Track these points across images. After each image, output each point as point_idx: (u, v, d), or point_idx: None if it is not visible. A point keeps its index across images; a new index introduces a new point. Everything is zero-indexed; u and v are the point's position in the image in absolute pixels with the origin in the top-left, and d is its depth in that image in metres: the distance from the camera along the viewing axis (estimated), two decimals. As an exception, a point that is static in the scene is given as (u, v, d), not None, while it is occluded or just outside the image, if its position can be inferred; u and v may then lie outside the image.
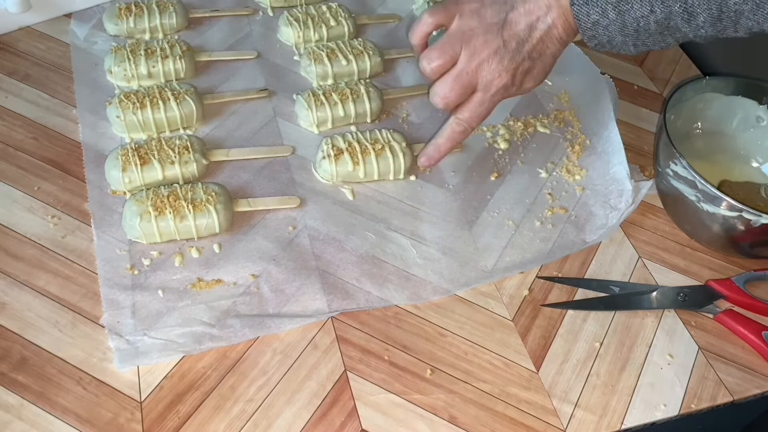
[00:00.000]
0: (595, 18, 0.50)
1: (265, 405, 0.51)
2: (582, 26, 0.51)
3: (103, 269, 0.57)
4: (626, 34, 0.50)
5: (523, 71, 0.55)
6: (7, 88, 0.70)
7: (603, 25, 0.50)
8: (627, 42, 0.51)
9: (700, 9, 0.47)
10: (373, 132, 0.66)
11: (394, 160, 0.64)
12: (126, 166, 0.61)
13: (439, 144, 0.61)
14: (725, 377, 0.56)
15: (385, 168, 0.64)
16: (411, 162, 0.66)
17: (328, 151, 0.64)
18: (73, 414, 0.49)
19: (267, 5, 0.82)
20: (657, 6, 0.48)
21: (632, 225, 0.66)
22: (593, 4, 0.49)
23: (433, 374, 0.54)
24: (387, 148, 0.64)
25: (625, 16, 0.49)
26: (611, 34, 0.51)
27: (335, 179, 0.65)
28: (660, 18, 0.48)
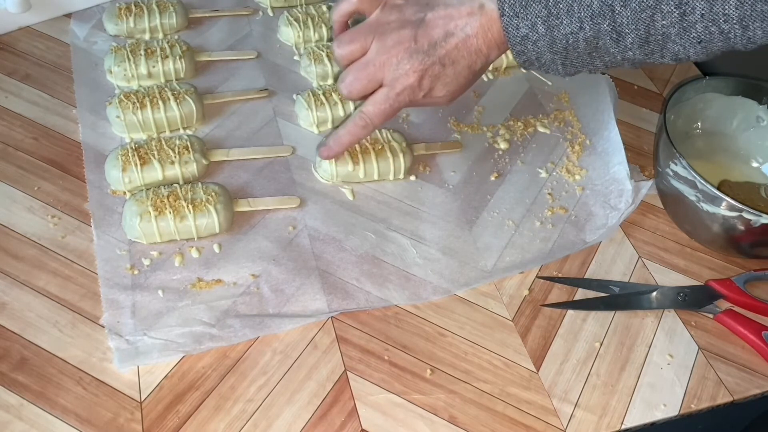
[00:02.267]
0: (525, 32, 0.49)
1: (265, 405, 0.51)
2: (511, 40, 0.50)
3: (103, 269, 0.57)
4: (555, 52, 0.49)
5: (432, 75, 0.53)
6: (7, 88, 0.70)
7: (532, 40, 0.49)
8: (556, 61, 0.50)
9: (628, 29, 0.46)
10: (374, 132, 0.66)
11: (394, 160, 0.64)
12: (126, 166, 0.61)
13: (340, 136, 0.60)
14: (725, 377, 0.56)
15: (385, 168, 0.64)
16: (411, 162, 0.66)
17: None
18: (73, 414, 0.49)
19: (267, 5, 0.82)
20: (586, 23, 0.47)
21: (632, 225, 0.66)
22: (522, 17, 0.48)
23: (433, 374, 0.54)
24: (387, 148, 0.64)
25: (554, 32, 0.48)
26: (540, 51, 0.49)
27: (335, 179, 0.65)
28: (589, 36, 0.47)
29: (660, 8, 0.45)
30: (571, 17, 0.47)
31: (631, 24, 0.46)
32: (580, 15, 0.47)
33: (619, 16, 0.46)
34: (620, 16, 0.46)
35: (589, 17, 0.47)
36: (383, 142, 0.65)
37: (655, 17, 0.45)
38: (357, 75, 0.55)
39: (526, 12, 0.48)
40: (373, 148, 0.64)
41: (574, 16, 0.47)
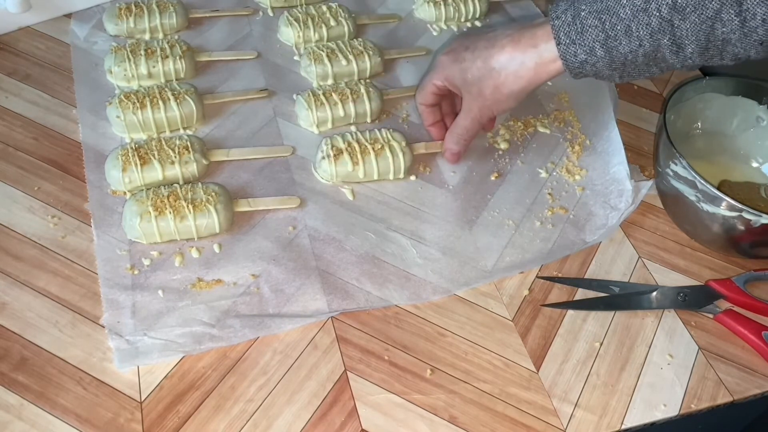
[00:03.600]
0: (583, 57, 0.50)
1: (265, 405, 0.51)
2: (569, 66, 0.51)
3: (103, 269, 0.57)
4: (614, 68, 0.51)
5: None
6: (7, 88, 0.70)
7: (591, 63, 0.50)
8: (613, 75, 0.52)
9: (688, 41, 0.47)
10: (373, 132, 0.66)
11: (393, 159, 0.64)
12: (126, 166, 0.61)
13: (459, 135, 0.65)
14: (725, 377, 0.56)
15: (384, 168, 0.64)
16: (411, 161, 0.66)
17: (328, 151, 0.64)
18: (73, 414, 0.49)
19: (267, 5, 0.82)
20: (645, 40, 0.48)
21: (632, 225, 0.66)
22: (580, 44, 0.50)
23: (433, 374, 0.54)
24: (387, 147, 0.64)
25: (612, 53, 0.49)
26: (598, 69, 0.51)
27: (335, 179, 0.65)
28: (648, 51, 0.48)
29: (720, 18, 0.45)
30: (630, 37, 0.48)
31: (690, 36, 0.47)
32: (638, 34, 0.48)
33: (679, 30, 0.47)
34: (679, 29, 0.47)
35: (648, 35, 0.48)
36: (383, 142, 0.65)
37: (715, 26, 0.46)
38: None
39: (582, 39, 0.50)
40: (373, 148, 0.64)
41: (633, 36, 0.48)
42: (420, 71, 0.77)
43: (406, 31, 0.83)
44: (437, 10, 0.83)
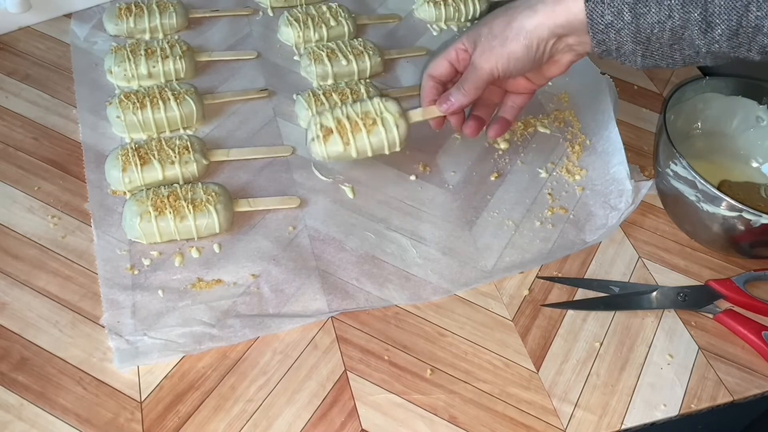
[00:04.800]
0: (609, 19, 0.48)
1: (265, 405, 0.51)
2: (594, 27, 0.49)
3: (103, 269, 0.57)
4: (638, 41, 0.48)
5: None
6: (7, 88, 0.70)
7: (616, 29, 0.48)
8: (636, 51, 0.49)
9: (719, 19, 0.45)
10: (365, 102, 0.62)
11: (387, 134, 0.61)
12: (126, 166, 0.61)
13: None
14: (725, 377, 0.56)
15: (378, 143, 0.61)
16: (406, 132, 0.62)
17: (317, 132, 0.61)
18: (73, 414, 0.49)
19: (267, 5, 0.82)
20: (676, 11, 0.46)
21: (632, 225, 0.66)
22: (608, 4, 0.47)
23: (433, 374, 0.54)
24: (379, 121, 0.61)
25: (640, 20, 0.47)
26: (622, 40, 0.48)
27: (328, 159, 0.61)
28: (677, 25, 0.46)
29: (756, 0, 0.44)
30: (660, 5, 0.46)
31: (723, 14, 0.45)
32: (670, 2, 0.46)
33: (712, 5, 0.45)
34: (713, 4, 0.45)
35: (679, 5, 0.46)
36: (375, 115, 0.61)
37: (750, 8, 0.44)
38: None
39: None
40: (365, 124, 0.61)
41: (664, 4, 0.46)
42: (420, 71, 0.77)
43: (406, 31, 0.83)
44: (437, 10, 0.83)
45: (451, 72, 0.59)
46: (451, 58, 0.58)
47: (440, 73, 0.59)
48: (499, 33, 0.53)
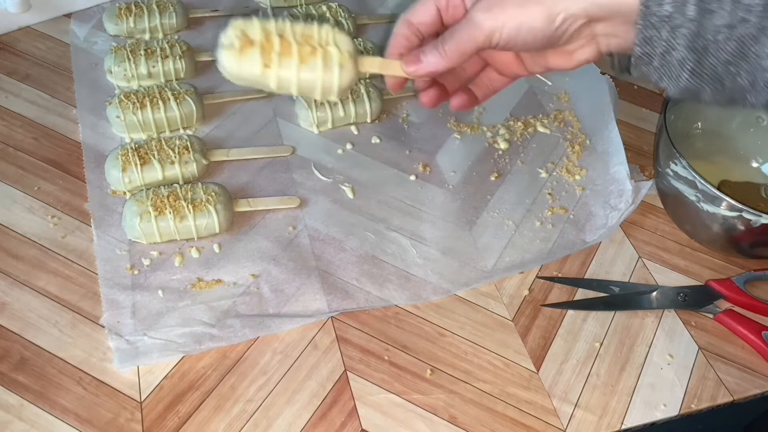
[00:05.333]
0: (668, 10, 0.37)
1: (265, 405, 0.51)
2: (646, 18, 0.37)
3: (103, 269, 0.57)
4: (693, 49, 0.37)
5: None
6: (7, 88, 0.70)
7: (673, 25, 0.37)
8: (686, 63, 0.38)
9: None
10: (310, 26, 0.44)
11: (323, 73, 0.43)
12: (126, 166, 0.61)
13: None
14: (725, 377, 0.56)
15: (308, 81, 0.43)
16: (350, 80, 0.44)
17: (233, 38, 0.44)
18: (73, 414, 0.49)
19: (267, 5, 0.82)
20: (754, 14, 0.36)
21: (632, 225, 0.66)
22: None
23: (433, 374, 0.54)
24: (320, 53, 0.43)
25: (706, 20, 0.36)
26: (675, 42, 0.37)
27: (236, 79, 0.44)
28: (748, 33, 0.36)
29: None
30: (737, 4, 0.36)
31: None
32: (748, 2, 0.36)
33: None
34: None
35: (762, 7, 0.36)
36: (317, 44, 0.43)
37: None
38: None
39: None
40: (299, 51, 0.42)
41: (741, 3, 0.36)
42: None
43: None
44: (437, 10, 0.83)
45: (435, 22, 0.44)
46: (440, 2, 0.43)
47: (421, 20, 0.44)
48: None
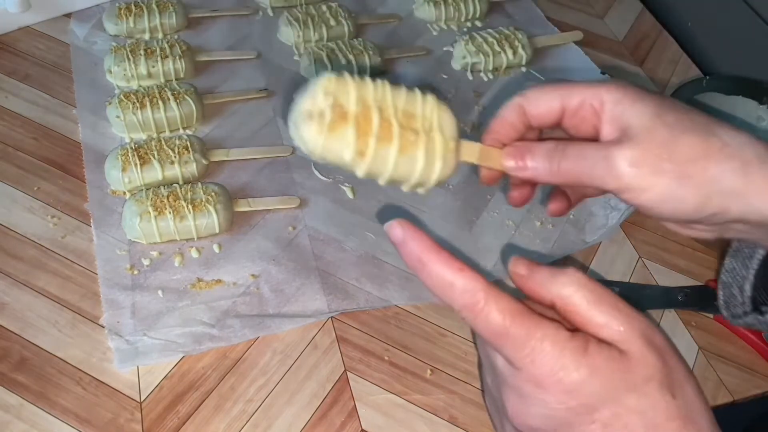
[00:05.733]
0: None
1: (265, 405, 0.51)
2: None
3: (102, 269, 0.57)
4: None
5: None
6: (6, 88, 0.70)
7: None
8: None
9: None
10: (413, 97, 0.35)
11: (425, 164, 0.35)
12: (126, 166, 0.61)
13: None
14: (725, 377, 0.56)
15: (404, 172, 0.35)
16: (450, 174, 0.36)
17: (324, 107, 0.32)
18: (72, 414, 0.49)
19: (267, 5, 0.82)
20: None
21: (632, 225, 0.66)
22: None
23: (434, 374, 0.54)
24: (422, 139, 0.35)
25: None
26: None
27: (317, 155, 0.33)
28: None
29: None
30: None
31: None
32: None
33: None
34: None
35: None
36: (420, 126, 0.35)
37: None
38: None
39: None
40: (400, 134, 0.34)
41: None
42: (420, 71, 0.77)
43: (406, 30, 0.83)
44: (437, 9, 0.83)
45: (554, 121, 0.37)
46: (569, 102, 0.36)
47: (538, 113, 0.37)
48: (683, 160, 0.33)
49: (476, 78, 0.78)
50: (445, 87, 0.76)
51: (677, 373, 0.29)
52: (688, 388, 0.29)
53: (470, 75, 0.78)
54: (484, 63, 0.77)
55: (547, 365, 0.28)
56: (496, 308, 0.29)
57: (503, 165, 0.37)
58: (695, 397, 0.29)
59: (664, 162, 0.33)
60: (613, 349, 0.28)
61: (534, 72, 0.78)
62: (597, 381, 0.28)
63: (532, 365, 0.28)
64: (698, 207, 0.33)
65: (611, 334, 0.28)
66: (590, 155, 0.34)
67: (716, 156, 0.33)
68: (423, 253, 0.31)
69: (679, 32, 0.89)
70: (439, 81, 0.76)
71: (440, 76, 0.77)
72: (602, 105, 0.35)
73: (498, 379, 0.31)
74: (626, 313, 0.29)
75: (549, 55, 0.81)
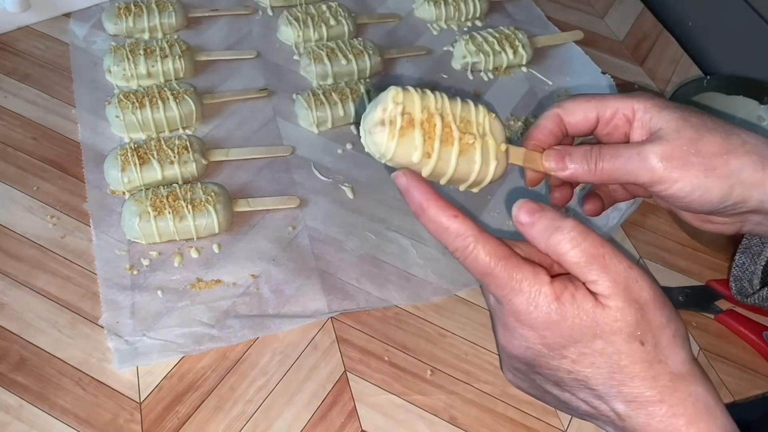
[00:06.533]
0: None
1: (264, 406, 0.51)
2: None
3: (102, 269, 0.57)
4: None
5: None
6: (6, 87, 0.70)
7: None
8: None
9: None
10: (467, 106, 0.39)
11: (481, 166, 0.39)
12: (125, 166, 0.61)
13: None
14: (726, 377, 0.55)
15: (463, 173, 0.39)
16: (500, 175, 0.40)
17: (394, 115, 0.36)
18: (72, 415, 0.49)
19: (267, 4, 0.82)
20: None
21: (633, 225, 0.66)
22: None
23: (434, 375, 0.53)
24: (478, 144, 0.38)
25: None
26: None
27: (387, 159, 0.37)
28: None
29: None
30: None
31: None
32: None
33: None
34: None
35: None
36: (476, 133, 0.39)
37: None
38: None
39: None
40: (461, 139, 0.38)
41: None
42: (420, 70, 0.77)
43: (406, 30, 0.83)
44: (437, 9, 0.83)
45: (588, 129, 0.41)
46: (604, 112, 0.40)
47: (574, 121, 0.41)
48: (708, 154, 0.37)
49: (476, 78, 0.77)
50: (445, 87, 0.76)
51: (654, 323, 0.32)
52: (663, 336, 0.32)
53: (470, 75, 0.77)
54: (484, 63, 0.77)
55: (522, 303, 0.33)
56: (483, 251, 0.34)
57: (545, 166, 0.41)
58: (669, 342, 0.33)
59: (692, 156, 0.37)
60: (588, 301, 0.32)
61: (534, 72, 0.78)
62: (566, 325, 0.32)
63: (509, 303, 0.33)
64: (723, 196, 0.37)
65: (599, 290, 0.32)
66: (624, 153, 0.39)
67: (737, 151, 0.37)
68: (423, 199, 0.35)
69: (680, 32, 0.88)
70: (439, 81, 0.76)
71: (440, 75, 0.77)
72: (633, 113, 0.39)
73: (491, 314, 0.37)
74: (614, 271, 0.32)
75: (549, 54, 0.81)
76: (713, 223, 0.43)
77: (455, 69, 0.78)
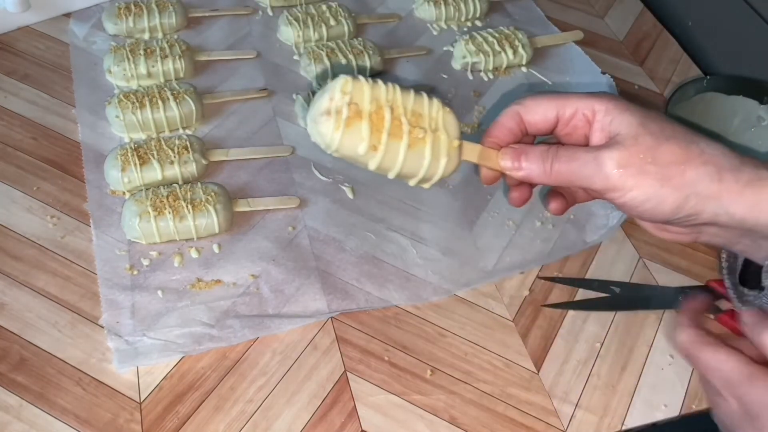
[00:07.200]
0: None
1: (264, 406, 0.51)
2: None
3: (102, 269, 0.57)
4: None
5: None
6: (6, 87, 0.70)
7: None
8: None
9: None
10: (420, 99, 0.39)
11: (430, 160, 0.39)
12: (125, 166, 0.61)
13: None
14: (726, 378, 0.55)
15: (412, 167, 0.39)
16: (452, 171, 0.40)
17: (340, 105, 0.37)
18: (72, 414, 0.49)
19: (267, 4, 0.82)
20: None
21: (633, 225, 0.66)
22: None
23: (434, 375, 0.53)
24: (429, 138, 0.39)
25: None
26: None
27: (333, 150, 0.38)
28: None
29: None
30: None
31: None
32: None
33: None
34: None
35: None
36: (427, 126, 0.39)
37: None
38: None
39: None
40: (410, 131, 0.38)
41: None
42: (420, 70, 0.77)
43: (406, 30, 0.83)
44: (437, 9, 0.83)
45: (548, 128, 0.41)
46: (564, 112, 0.40)
47: (534, 120, 0.40)
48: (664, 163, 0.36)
49: (476, 78, 0.77)
50: (445, 87, 0.76)
51: None
52: None
53: (470, 75, 0.77)
54: (484, 63, 0.77)
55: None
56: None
57: (500, 165, 0.40)
58: None
59: (648, 164, 0.36)
60: None
61: (534, 72, 0.78)
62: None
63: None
64: (676, 207, 0.37)
65: None
66: (580, 157, 0.38)
67: (694, 161, 0.36)
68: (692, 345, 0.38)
69: (680, 32, 0.88)
70: (439, 81, 0.76)
71: (440, 75, 0.77)
72: (594, 114, 0.39)
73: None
74: None
75: (549, 54, 0.81)
76: (670, 232, 0.42)
77: (455, 69, 0.78)
